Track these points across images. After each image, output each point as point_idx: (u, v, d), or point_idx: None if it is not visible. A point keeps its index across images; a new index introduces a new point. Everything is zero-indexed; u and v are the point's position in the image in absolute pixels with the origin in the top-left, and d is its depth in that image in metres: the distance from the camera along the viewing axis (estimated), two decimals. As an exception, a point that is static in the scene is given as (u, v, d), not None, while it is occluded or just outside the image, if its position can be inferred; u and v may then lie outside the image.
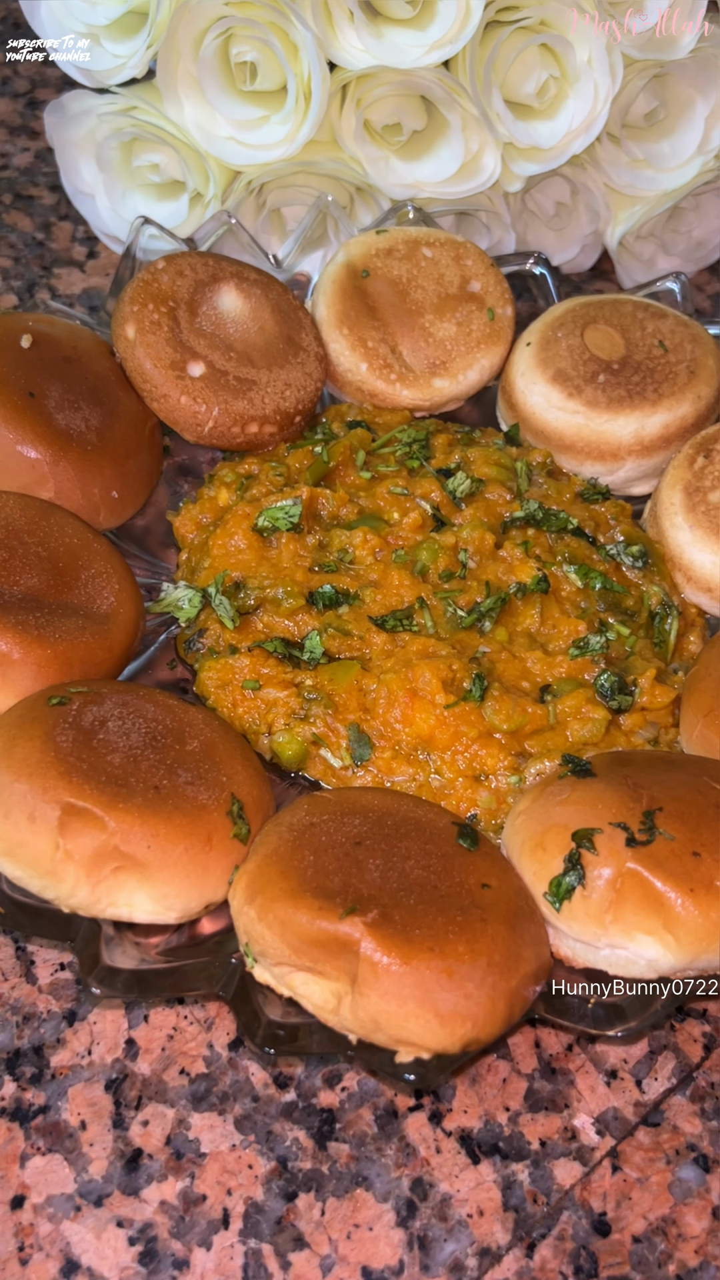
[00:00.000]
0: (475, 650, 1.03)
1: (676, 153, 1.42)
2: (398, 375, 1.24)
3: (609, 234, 1.49)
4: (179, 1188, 0.84)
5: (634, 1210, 0.85)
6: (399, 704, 0.98)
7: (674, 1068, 0.91)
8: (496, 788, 0.97)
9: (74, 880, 0.83)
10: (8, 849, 0.84)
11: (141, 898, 0.84)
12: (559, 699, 1.00)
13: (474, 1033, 0.79)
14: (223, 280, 1.20)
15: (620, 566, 1.12)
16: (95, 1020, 0.90)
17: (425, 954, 0.79)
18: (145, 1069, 0.88)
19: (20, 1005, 0.91)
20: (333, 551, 1.08)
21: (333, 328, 1.24)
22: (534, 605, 1.06)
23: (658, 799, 0.87)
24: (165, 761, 0.88)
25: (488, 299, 1.28)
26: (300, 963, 0.81)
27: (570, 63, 1.31)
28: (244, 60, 1.29)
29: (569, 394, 1.20)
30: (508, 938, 0.82)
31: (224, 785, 0.88)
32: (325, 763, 0.98)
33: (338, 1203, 0.84)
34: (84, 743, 0.86)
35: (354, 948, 0.79)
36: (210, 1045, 0.90)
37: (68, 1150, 0.84)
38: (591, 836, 0.86)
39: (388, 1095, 0.88)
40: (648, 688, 1.02)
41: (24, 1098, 0.87)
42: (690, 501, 1.13)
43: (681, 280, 1.34)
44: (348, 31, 1.29)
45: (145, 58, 1.31)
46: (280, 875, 0.83)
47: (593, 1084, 0.90)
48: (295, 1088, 0.88)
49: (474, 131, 1.33)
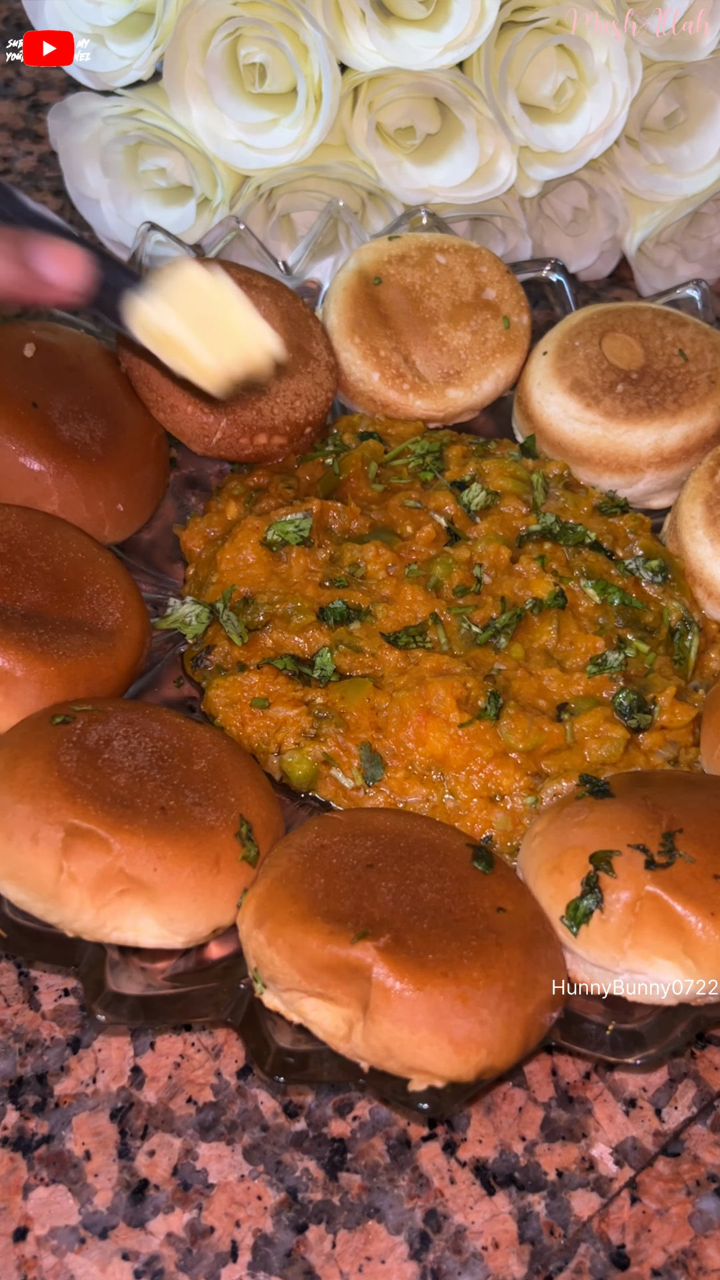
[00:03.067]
0: (490, 667, 1.01)
1: (697, 157, 1.41)
2: (411, 385, 1.23)
3: (627, 240, 1.48)
4: (186, 1219, 0.82)
5: (653, 1243, 0.83)
6: (412, 723, 0.96)
7: (694, 1096, 0.90)
8: (512, 809, 0.96)
9: (78, 904, 0.82)
10: (10, 871, 0.83)
11: (147, 921, 0.83)
12: (576, 717, 0.99)
13: (489, 1060, 0.78)
14: (231, 287, 1.19)
15: (639, 582, 1.11)
16: (100, 1047, 0.89)
17: (439, 979, 0.77)
18: (151, 1097, 0.87)
19: (23, 1032, 0.90)
20: (344, 566, 1.06)
21: (344, 336, 1.23)
22: (551, 621, 1.04)
23: (677, 820, 0.86)
24: (172, 782, 0.86)
25: (503, 307, 1.27)
26: (311, 988, 0.79)
27: (588, 64, 1.30)
28: (253, 62, 1.28)
29: (586, 404, 1.19)
30: (524, 963, 0.81)
31: (232, 806, 0.87)
32: (336, 783, 0.97)
33: (349, 1235, 0.82)
34: (88, 763, 0.85)
35: (366, 973, 0.78)
36: (218, 1073, 0.88)
37: (72, 1181, 0.83)
38: (610, 859, 0.84)
39: (400, 1124, 0.87)
40: (667, 706, 1.00)
41: (27, 1127, 0.85)
42: (711, 515, 1.12)
43: (702, 287, 1.33)
44: (359, 32, 1.28)
45: (151, 59, 1.30)
46: (290, 899, 0.82)
47: (611, 1113, 0.89)
48: (305, 1117, 0.87)
49: (489, 135, 1.32)
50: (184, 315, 0.91)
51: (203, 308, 0.92)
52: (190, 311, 0.91)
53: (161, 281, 0.92)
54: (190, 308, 0.91)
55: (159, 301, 0.91)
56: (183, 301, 0.91)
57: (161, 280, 0.92)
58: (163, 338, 0.92)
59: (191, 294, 0.91)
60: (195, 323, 0.91)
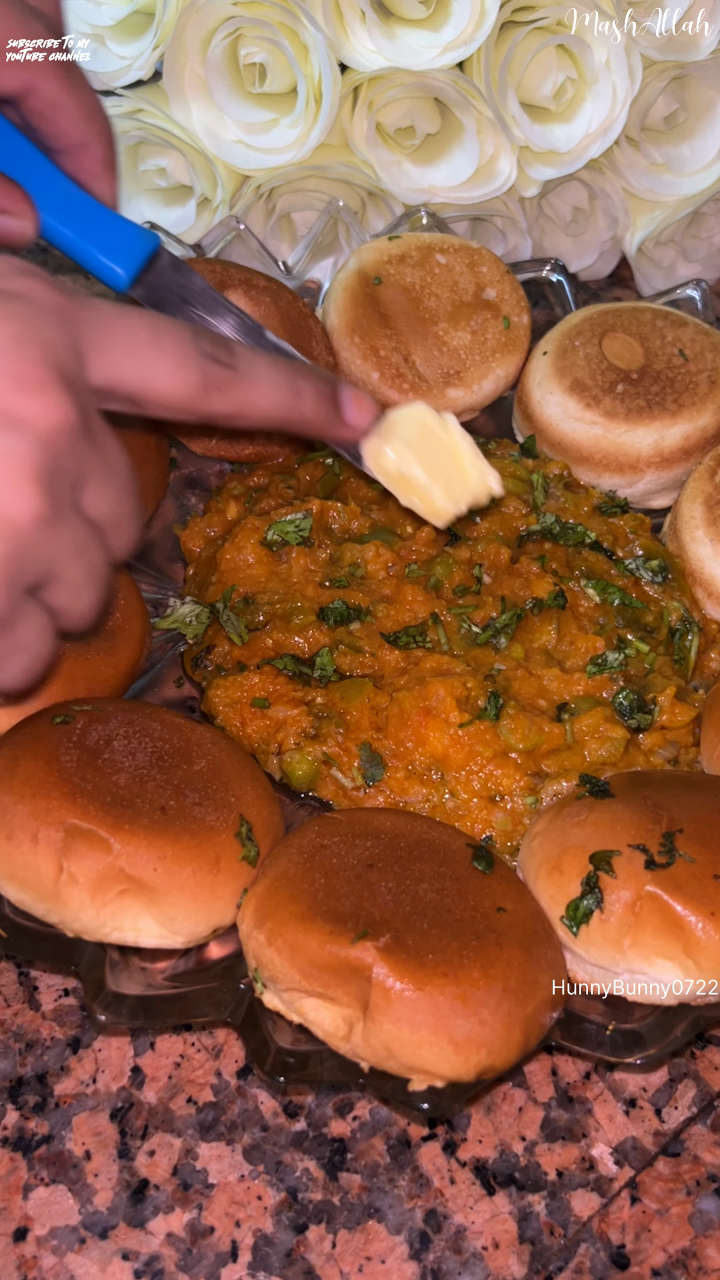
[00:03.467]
0: (490, 668, 1.01)
1: (697, 157, 1.41)
2: (410, 385, 1.22)
3: (628, 240, 1.48)
4: (186, 1219, 0.82)
5: (653, 1243, 0.83)
6: (412, 723, 0.96)
7: (695, 1096, 0.90)
8: (512, 809, 0.95)
9: (78, 904, 0.81)
10: (10, 871, 0.82)
11: (148, 921, 0.83)
12: (576, 717, 0.98)
13: (489, 1060, 0.78)
14: (231, 287, 1.18)
15: (639, 582, 1.11)
16: (100, 1047, 0.89)
17: (439, 979, 0.77)
18: (151, 1097, 0.87)
19: (23, 1032, 0.89)
20: (344, 566, 1.06)
21: (344, 336, 1.23)
22: (551, 621, 1.04)
23: (678, 820, 0.86)
24: (172, 782, 0.86)
25: (503, 307, 1.26)
26: (311, 988, 0.79)
27: (588, 64, 1.30)
28: (253, 62, 1.28)
29: (587, 404, 1.19)
30: (524, 963, 0.80)
31: (232, 806, 0.87)
32: (336, 783, 0.97)
33: (349, 1235, 0.82)
34: (89, 763, 0.85)
35: (366, 973, 0.77)
36: (218, 1073, 0.88)
37: (72, 1181, 0.83)
38: (610, 859, 0.84)
39: (400, 1124, 0.87)
40: (667, 706, 1.00)
41: (27, 1127, 0.85)
42: (711, 515, 1.12)
43: (702, 287, 1.33)
44: (359, 32, 1.28)
45: (151, 59, 1.30)
46: (290, 899, 0.82)
47: (611, 1113, 0.89)
48: (305, 1117, 0.87)
49: (489, 135, 1.32)
50: (421, 459, 0.94)
51: (436, 450, 0.95)
52: (426, 455, 0.95)
53: (397, 424, 0.95)
54: (427, 451, 0.95)
55: (400, 446, 0.94)
56: (420, 445, 0.94)
57: (397, 423, 0.95)
58: (401, 479, 0.95)
59: (426, 437, 0.95)
60: (431, 466, 0.95)
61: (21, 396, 0.65)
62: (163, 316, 0.75)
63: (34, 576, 0.67)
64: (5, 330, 0.65)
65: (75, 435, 0.67)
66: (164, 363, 0.74)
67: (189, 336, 0.76)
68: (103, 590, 0.73)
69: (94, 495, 0.70)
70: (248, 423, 0.83)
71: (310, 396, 0.85)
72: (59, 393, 0.66)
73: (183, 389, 0.76)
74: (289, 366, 0.84)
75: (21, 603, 0.68)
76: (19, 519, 0.64)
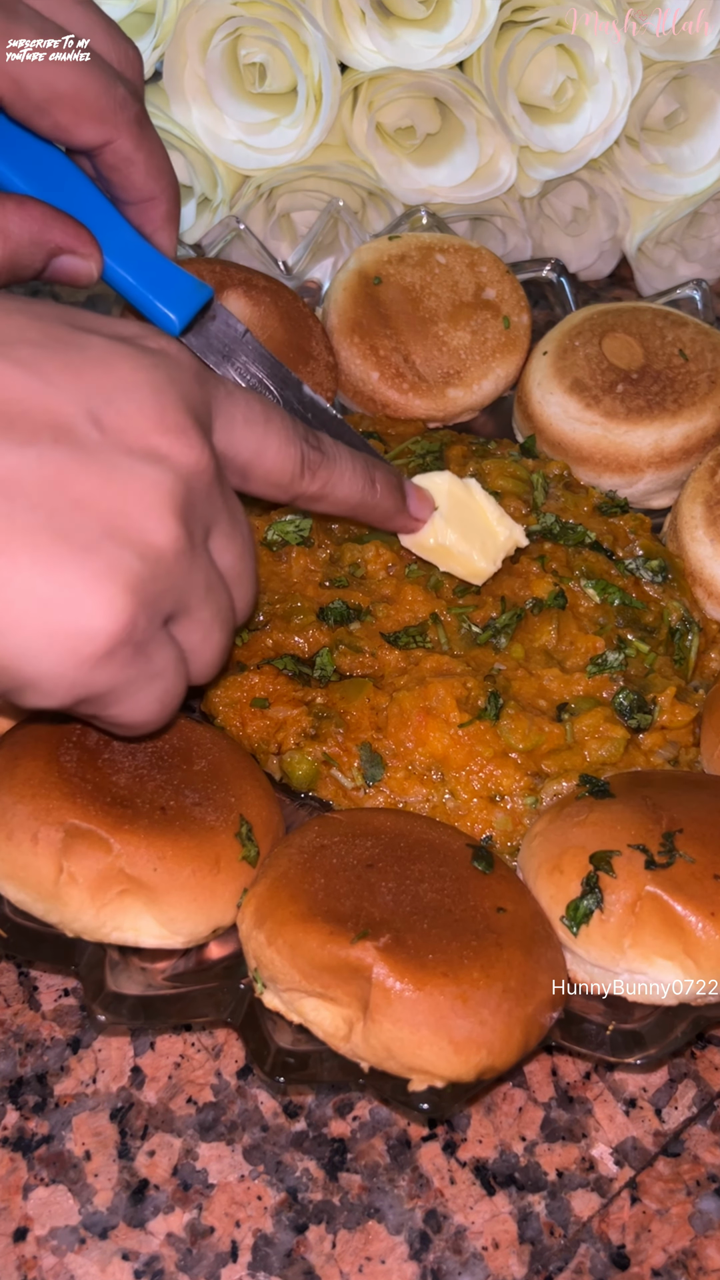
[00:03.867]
0: (490, 668, 1.01)
1: (697, 156, 1.41)
2: (410, 385, 1.22)
3: (627, 240, 1.48)
4: (186, 1219, 0.82)
5: (653, 1243, 0.83)
6: (412, 723, 0.96)
7: (695, 1096, 0.90)
8: (512, 809, 0.95)
9: (78, 904, 0.81)
10: (10, 872, 0.82)
11: (148, 921, 0.83)
12: (576, 718, 0.98)
13: (489, 1060, 0.78)
14: (230, 287, 1.18)
15: (639, 582, 1.10)
16: (100, 1048, 0.89)
17: (439, 979, 0.77)
18: (151, 1098, 0.87)
19: (23, 1032, 0.89)
20: (344, 566, 1.06)
21: (344, 336, 1.23)
22: (551, 621, 1.04)
23: (678, 820, 0.86)
24: (172, 782, 0.86)
25: (503, 307, 1.26)
26: (311, 988, 0.79)
27: (588, 64, 1.30)
28: (253, 62, 1.28)
29: (587, 404, 1.19)
30: (524, 963, 0.80)
31: (232, 806, 0.87)
32: (336, 783, 0.97)
33: (349, 1235, 0.82)
34: (89, 762, 0.85)
35: (366, 973, 0.77)
36: (218, 1073, 0.88)
37: (72, 1181, 0.83)
38: (610, 859, 0.84)
39: (401, 1125, 0.87)
40: (667, 706, 1.00)
41: (27, 1127, 0.85)
42: (711, 515, 1.11)
43: (702, 287, 1.32)
44: (359, 32, 1.28)
45: (152, 59, 1.30)
46: (290, 899, 0.82)
47: (611, 1113, 0.89)
48: (305, 1117, 0.87)
49: (489, 135, 1.32)
50: (456, 528, 0.99)
51: (467, 516, 1.00)
52: (459, 523, 0.99)
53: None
54: (459, 519, 0.99)
55: (437, 521, 0.98)
56: (453, 515, 0.99)
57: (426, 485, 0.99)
58: (440, 550, 1.00)
59: (456, 506, 0.99)
60: (465, 532, 0.99)
61: (164, 436, 0.69)
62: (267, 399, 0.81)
63: (171, 604, 0.71)
64: (150, 377, 0.70)
65: (209, 480, 0.72)
66: (274, 439, 0.80)
67: (291, 419, 0.82)
68: (229, 640, 0.78)
69: (221, 545, 0.75)
70: (326, 506, 0.88)
71: (383, 487, 0.92)
72: (198, 437, 0.71)
73: (286, 465, 0.81)
74: (365, 457, 0.90)
75: (158, 629, 0.71)
76: (160, 545, 0.68)
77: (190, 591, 0.72)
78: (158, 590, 0.68)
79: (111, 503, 0.67)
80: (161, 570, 0.68)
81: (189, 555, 0.70)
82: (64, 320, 0.72)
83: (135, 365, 0.70)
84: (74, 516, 0.66)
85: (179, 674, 0.74)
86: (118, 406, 0.68)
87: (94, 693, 0.69)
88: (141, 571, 0.67)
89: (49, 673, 0.67)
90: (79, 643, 0.66)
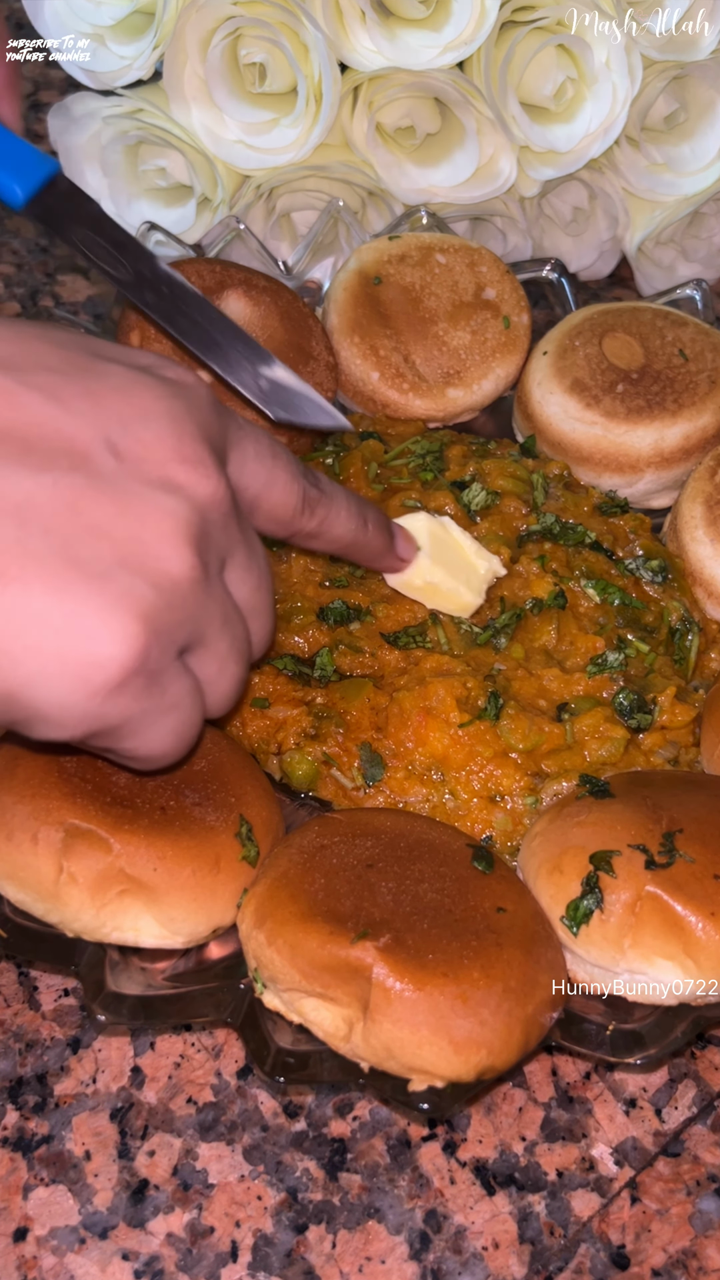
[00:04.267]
0: (490, 668, 1.01)
1: (697, 156, 1.40)
2: (410, 385, 1.22)
3: (628, 240, 1.47)
4: (186, 1219, 0.82)
5: (653, 1243, 0.83)
6: (412, 723, 0.96)
7: (695, 1096, 0.90)
8: (512, 809, 0.95)
9: (78, 904, 0.81)
10: (10, 872, 0.82)
11: (147, 921, 0.83)
12: (576, 718, 0.98)
13: (489, 1060, 0.78)
14: (230, 287, 1.18)
15: (639, 582, 1.10)
16: (100, 1048, 0.89)
17: (439, 979, 0.77)
18: (151, 1098, 0.87)
19: (23, 1032, 0.89)
20: (344, 566, 1.06)
21: (344, 336, 1.23)
22: (551, 621, 1.04)
23: (678, 820, 0.86)
24: (172, 782, 0.86)
25: (503, 306, 1.26)
26: (311, 988, 0.79)
27: (588, 64, 1.30)
28: (253, 62, 1.28)
29: (587, 404, 1.19)
30: (524, 963, 0.80)
31: (232, 806, 0.87)
32: (336, 783, 0.97)
33: (349, 1235, 0.82)
34: (88, 762, 0.85)
35: (366, 973, 0.77)
36: (218, 1073, 0.88)
37: (72, 1181, 0.83)
38: (610, 859, 0.84)
39: (401, 1125, 0.87)
40: (667, 706, 1.00)
41: (27, 1127, 0.85)
42: (711, 515, 1.11)
43: (702, 287, 1.32)
44: (359, 32, 1.28)
45: (151, 59, 1.30)
46: (290, 899, 0.82)
47: (611, 1113, 0.88)
48: (305, 1117, 0.87)
49: (489, 135, 1.31)
50: (440, 565, 1.00)
51: (447, 553, 1.01)
52: (442, 560, 1.00)
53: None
54: (441, 558, 1.00)
55: (421, 561, 0.99)
56: (436, 554, 1.00)
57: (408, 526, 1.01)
58: (427, 589, 1.01)
59: (436, 545, 1.00)
60: (449, 568, 1.01)
61: (181, 466, 0.69)
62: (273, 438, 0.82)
63: (185, 635, 0.70)
64: (169, 407, 0.70)
65: (225, 511, 0.72)
66: (281, 474, 0.80)
67: (295, 459, 0.83)
68: (245, 674, 0.78)
69: (238, 578, 0.75)
70: (321, 544, 0.88)
71: (374, 526, 0.92)
72: (214, 468, 0.71)
73: (290, 501, 0.81)
74: (358, 498, 0.90)
75: (172, 660, 0.70)
76: (175, 574, 0.68)
77: (206, 623, 0.71)
78: (172, 620, 0.68)
79: (127, 531, 0.66)
80: (176, 600, 0.68)
81: (204, 586, 0.70)
82: (84, 348, 0.72)
83: (155, 395, 0.70)
84: (88, 544, 0.65)
85: (195, 706, 0.73)
86: (135, 435, 0.68)
87: (107, 725, 0.69)
88: (156, 601, 0.67)
89: (60, 702, 0.66)
90: (91, 672, 0.65)
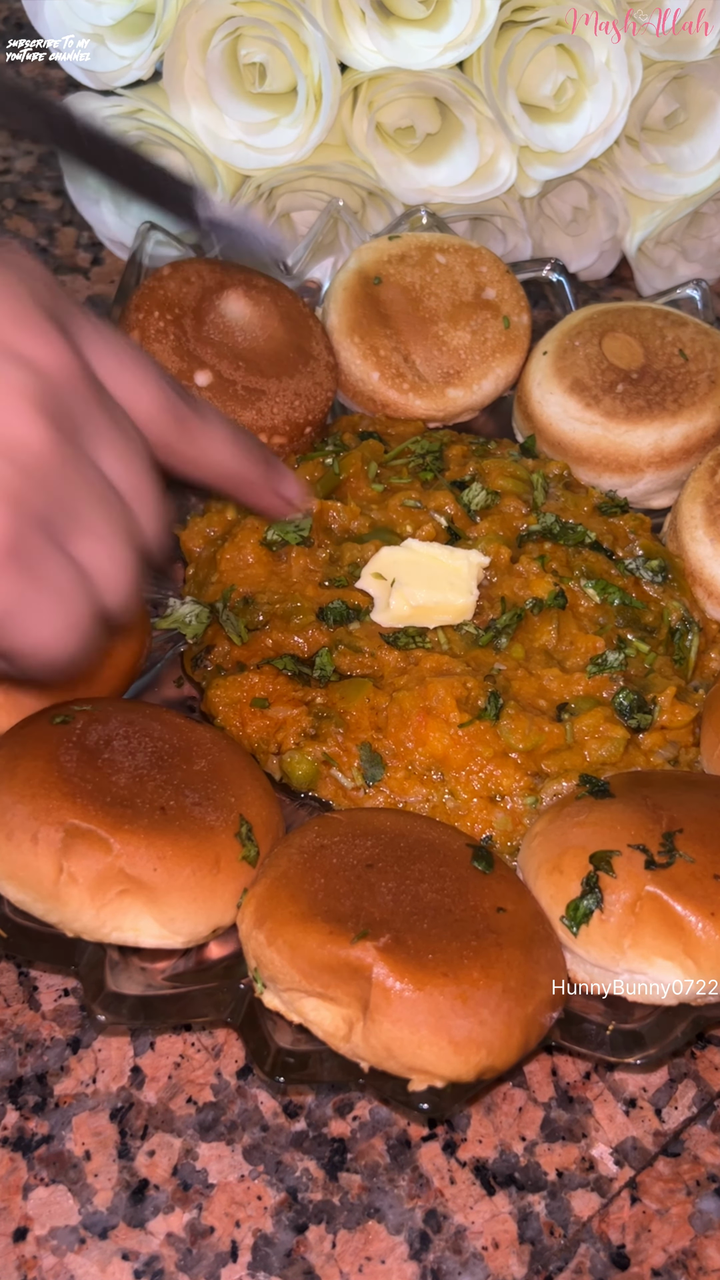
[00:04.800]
0: (490, 668, 1.01)
1: (697, 156, 1.40)
2: (410, 385, 1.22)
3: (628, 240, 1.47)
4: (186, 1219, 0.82)
5: (653, 1243, 0.83)
6: (412, 723, 0.96)
7: (695, 1096, 0.90)
8: (512, 809, 0.95)
9: (78, 904, 0.81)
10: (10, 871, 0.82)
11: (147, 921, 0.83)
12: (576, 717, 0.98)
13: (489, 1060, 0.78)
14: (230, 287, 1.18)
15: (639, 582, 1.10)
16: (100, 1048, 0.89)
17: (439, 979, 0.77)
18: (151, 1098, 0.87)
19: (23, 1032, 0.89)
20: (344, 566, 1.06)
21: (344, 336, 1.23)
22: (551, 621, 1.04)
23: (678, 820, 0.86)
24: (172, 782, 0.86)
25: (503, 306, 1.26)
26: (311, 988, 0.79)
27: (588, 64, 1.29)
28: (253, 61, 1.27)
29: (586, 404, 1.18)
30: (524, 963, 0.80)
31: (232, 806, 0.87)
32: (336, 783, 0.97)
33: (349, 1235, 0.82)
34: (88, 763, 0.85)
35: (366, 973, 0.77)
36: (218, 1073, 0.88)
37: (72, 1181, 0.83)
38: (610, 859, 0.84)
39: (400, 1124, 0.87)
40: (667, 706, 1.00)
41: (27, 1127, 0.85)
42: (711, 515, 1.11)
43: (702, 287, 1.32)
44: (359, 32, 1.27)
45: (151, 59, 1.30)
46: (290, 899, 0.82)
47: (611, 1113, 0.88)
48: (305, 1117, 0.87)
49: (489, 135, 1.31)
50: (419, 585, 1.01)
51: (421, 569, 1.02)
52: (418, 580, 1.01)
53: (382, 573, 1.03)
54: (416, 578, 1.01)
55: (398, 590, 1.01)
56: (410, 577, 1.01)
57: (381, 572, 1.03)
58: (417, 611, 1.01)
59: (406, 569, 1.02)
60: (430, 583, 1.01)
61: (21, 333, 0.67)
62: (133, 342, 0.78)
63: (53, 511, 0.68)
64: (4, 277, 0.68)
65: (76, 380, 0.69)
66: (147, 382, 0.77)
67: (162, 371, 0.79)
68: (136, 555, 0.74)
69: (109, 455, 0.72)
70: (201, 472, 0.85)
71: (256, 456, 0.89)
72: (58, 337, 0.68)
73: (161, 415, 0.78)
74: (237, 425, 0.87)
75: (45, 541, 0.68)
76: (29, 444, 0.66)
77: (75, 499, 0.69)
78: (34, 494, 0.66)
79: None
80: (35, 472, 0.66)
81: (64, 457, 0.68)
82: None
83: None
84: None
85: (83, 594, 0.71)
86: None
87: None
88: (12, 477, 0.65)
89: None
90: None
